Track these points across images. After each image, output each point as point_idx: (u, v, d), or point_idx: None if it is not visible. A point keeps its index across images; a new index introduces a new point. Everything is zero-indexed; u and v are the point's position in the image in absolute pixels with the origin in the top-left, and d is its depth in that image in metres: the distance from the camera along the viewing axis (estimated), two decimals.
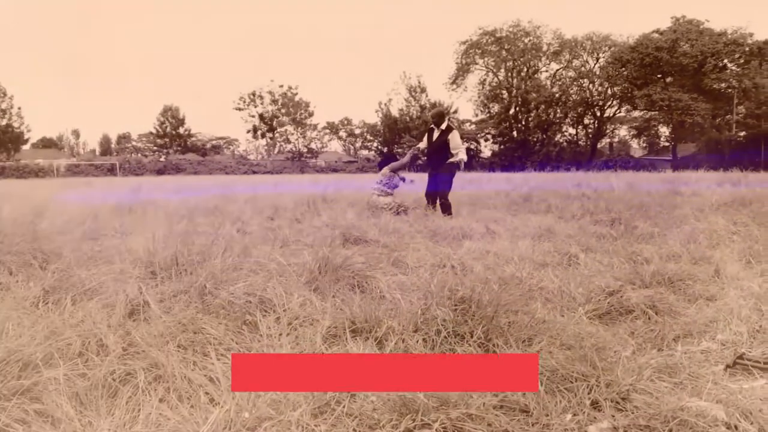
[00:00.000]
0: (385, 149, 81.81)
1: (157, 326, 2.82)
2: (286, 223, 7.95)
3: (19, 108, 66.61)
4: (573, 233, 6.71)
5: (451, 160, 9.36)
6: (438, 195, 9.37)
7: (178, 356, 2.52)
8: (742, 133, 55.56)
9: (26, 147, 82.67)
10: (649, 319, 3.49)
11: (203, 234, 6.53)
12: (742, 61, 55.12)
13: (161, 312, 3.01)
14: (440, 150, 9.40)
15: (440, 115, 9.74)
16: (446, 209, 9.10)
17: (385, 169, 9.88)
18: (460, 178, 22.58)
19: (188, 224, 7.18)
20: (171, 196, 12.71)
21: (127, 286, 3.28)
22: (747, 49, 54.16)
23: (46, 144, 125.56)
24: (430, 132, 9.68)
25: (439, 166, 9.43)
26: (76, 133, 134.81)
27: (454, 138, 9.34)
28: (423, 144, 9.86)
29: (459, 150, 9.35)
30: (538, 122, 70.69)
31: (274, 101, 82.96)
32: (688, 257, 5.36)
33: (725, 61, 55.31)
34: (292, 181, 22.53)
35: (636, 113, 66.61)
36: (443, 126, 9.47)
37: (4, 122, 65.42)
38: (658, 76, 58.98)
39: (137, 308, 3.08)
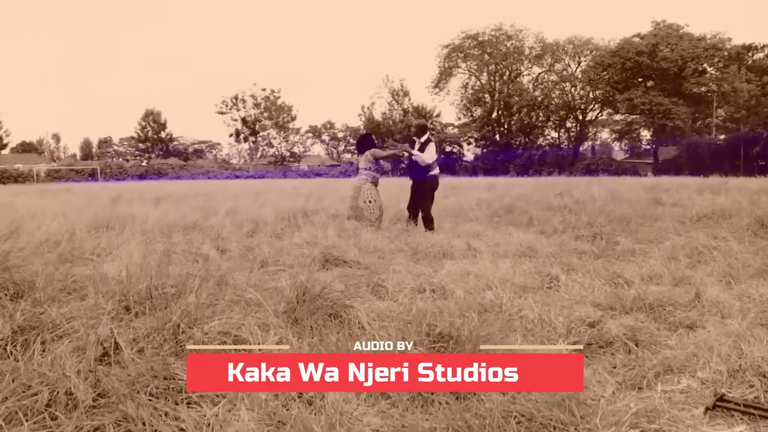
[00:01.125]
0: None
1: (128, 371, 2.75)
2: (266, 239, 7.87)
3: None
4: (554, 251, 6.70)
5: (415, 153, 9.24)
6: (420, 209, 9.29)
7: (149, 407, 2.46)
8: (722, 137, 56.18)
9: (5, 152, 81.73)
10: (629, 351, 3.48)
11: (182, 254, 6.46)
12: (721, 65, 55.72)
13: (133, 354, 2.94)
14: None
15: (421, 127, 9.67)
16: (428, 224, 9.02)
17: (368, 154, 9.47)
18: (444, 186, 22.60)
19: (167, 243, 7.08)
20: (150, 209, 12.57)
21: (100, 325, 3.20)
22: (726, 53, 54.81)
23: (26, 148, 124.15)
24: (412, 144, 9.61)
25: (420, 179, 9.35)
26: (57, 137, 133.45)
27: (429, 149, 9.29)
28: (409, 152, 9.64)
29: (426, 157, 9.21)
30: (520, 126, 71.03)
31: (257, 105, 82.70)
32: (669, 277, 5.36)
33: (705, 65, 55.90)
34: (274, 189, 22.39)
35: (618, 117, 67.16)
36: (423, 138, 9.41)
37: None
38: (639, 80, 59.48)
39: (109, 349, 3.01)
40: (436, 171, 9.40)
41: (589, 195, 12.91)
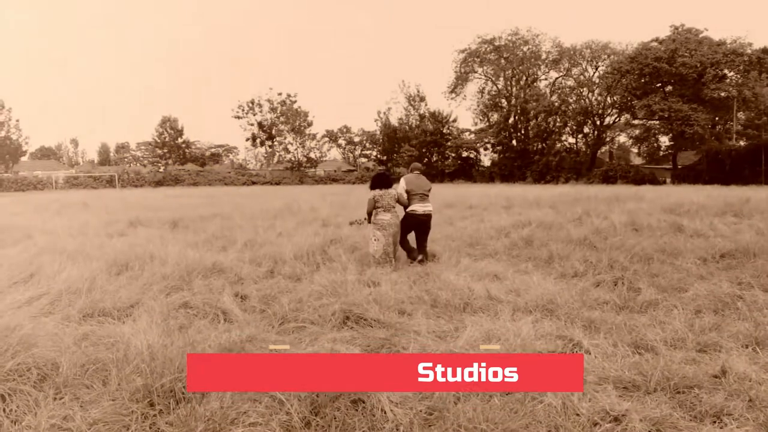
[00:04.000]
0: (384, 158, 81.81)
1: None
2: (284, 283, 7.91)
3: (17, 120, 66.67)
4: (575, 303, 6.63)
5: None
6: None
7: None
8: (742, 143, 55.52)
9: (24, 158, 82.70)
10: None
11: (202, 307, 6.49)
12: (741, 68, 55.06)
13: None
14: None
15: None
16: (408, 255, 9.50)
17: (397, 192, 9.50)
18: (459, 200, 22.48)
19: (186, 293, 7.12)
20: (168, 237, 12.65)
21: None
22: (746, 58, 54.14)
23: (45, 153, 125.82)
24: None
25: None
26: (75, 142, 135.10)
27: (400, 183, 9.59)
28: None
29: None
30: (537, 131, 70.63)
31: (273, 109, 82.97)
32: (693, 342, 5.30)
33: (725, 70, 55.24)
34: (291, 204, 22.45)
35: (636, 122, 66.52)
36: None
37: (2, 134, 65.39)
38: (658, 85, 58.94)
39: None
40: (410, 207, 9.54)
41: (609, 223, 12.77)
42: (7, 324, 4.67)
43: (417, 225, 9.50)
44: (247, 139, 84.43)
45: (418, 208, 9.46)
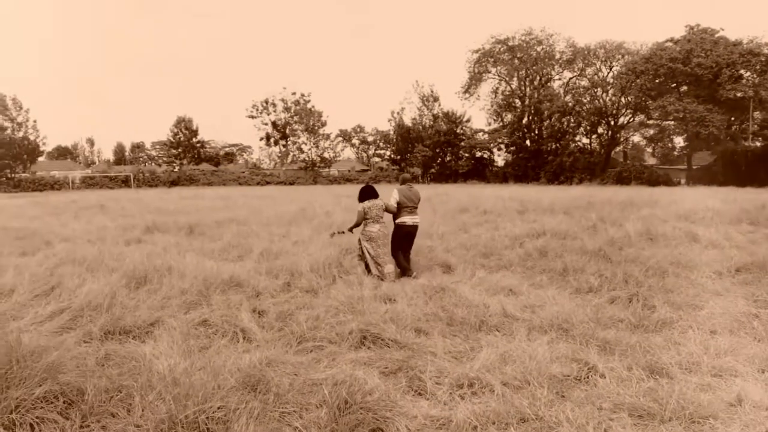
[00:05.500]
0: (398, 157, 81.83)
1: None
2: (300, 296, 8.02)
3: (35, 121, 67.36)
4: (590, 322, 6.66)
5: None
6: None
7: None
8: (758, 144, 55.02)
9: (41, 158, 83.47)
10: None
11: (221, 324, 6.58)
12: (758, 68, 54.50)
13: None
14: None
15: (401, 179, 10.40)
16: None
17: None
18: (474, 204, 22.49)
19: (205, 309, 7.22)
20: (184, 243, 12.80)
21: None
22: (763, 58, 53.57)
23: (61, 153, 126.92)
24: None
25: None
26: (91, 142, 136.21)
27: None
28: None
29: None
30: (551, 131, 70.34)
31: (287, 109, 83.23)
32: (707, 365, 5.32)
33: (741, 71, 54.68)
34: (307, 207, 22.55)
35: (650, 122, 66.10)
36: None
37: (20, 135, 66.06)
38: (673, 86, 58.50)
39: None
40: (400, 219, 9.87)
41: (623, 232, 12.77)
42: (34, 347, 4.78)
43: (405, 235, 9.92)
44: (261, 139, 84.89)
45: (407, 219, 9.86)
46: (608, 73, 67.64)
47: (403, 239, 9.90)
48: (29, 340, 5.23)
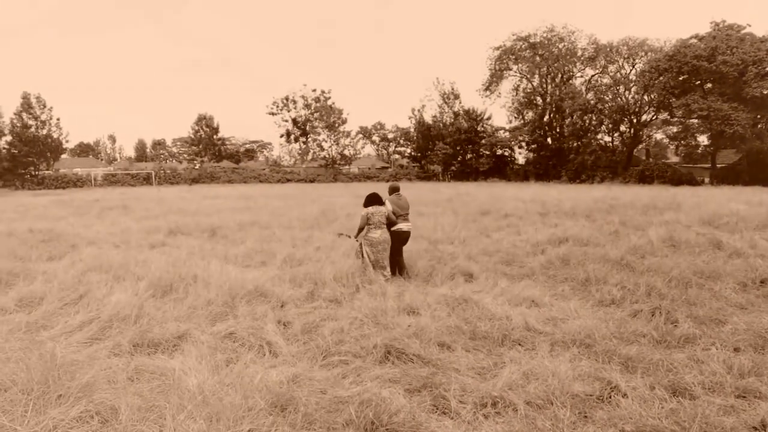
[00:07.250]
0: (418, 155, 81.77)
1: None
2: (324, 308, 8.12)
3: (58, 119, 68.16)
4: (612, 338, 6.68)
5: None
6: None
7: None
8: None
9: (64, 155, 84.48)
10: None
11: (248, 337, 6.69)
12: None
13: None
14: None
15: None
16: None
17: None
18: (494, 206, 22.47)
19: (231, 321, 7.34)
20: (207, 248, 12.96)
21: None
22: None
23: (84, 149, 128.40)
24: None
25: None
26: (113, 138, 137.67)
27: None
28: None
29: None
30: (572, 129, 69.83)
31: (307, 106, 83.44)
32: (731, 385, 5.33)
33: None
34: (327, 212, 22.67)
35: (674, 120, 65.30)
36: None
37: (44, 132, 66.94)
38: (697, 83, 57.70)
39: None
40: (396, 226, 10.42)
41: (646, 239, 12.73)
42: (68, 362, 4.92)
43: (403, 241, 10.55)
44: (282, 135, 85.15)
45: (403, 226, 10.52)
46: (631, 70, 67.00)
47: (401, 244, 10.52)
48: (62, 353, 5.39)
